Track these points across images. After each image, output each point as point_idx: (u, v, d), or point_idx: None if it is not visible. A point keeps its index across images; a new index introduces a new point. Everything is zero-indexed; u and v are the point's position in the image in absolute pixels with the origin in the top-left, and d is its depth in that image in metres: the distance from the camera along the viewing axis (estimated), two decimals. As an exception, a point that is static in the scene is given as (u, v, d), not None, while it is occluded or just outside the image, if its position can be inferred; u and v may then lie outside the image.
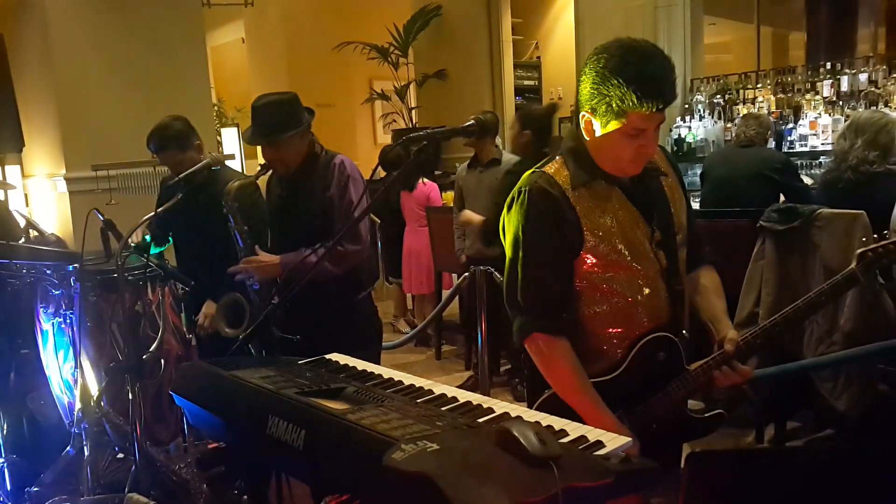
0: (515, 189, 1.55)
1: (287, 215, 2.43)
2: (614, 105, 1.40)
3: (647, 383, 1.53)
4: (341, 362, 1.52)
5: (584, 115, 1.49)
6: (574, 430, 1.10)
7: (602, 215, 1.51)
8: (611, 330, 1.54)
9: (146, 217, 2.22)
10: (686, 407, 1.56)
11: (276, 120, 2.28)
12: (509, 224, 1.56)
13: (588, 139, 1.51)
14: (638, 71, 1.37)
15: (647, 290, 1.53)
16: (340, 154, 2.40)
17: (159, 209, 2.20)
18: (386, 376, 1.41)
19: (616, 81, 1.38)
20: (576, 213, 1.50)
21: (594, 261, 1.51)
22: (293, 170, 2.37)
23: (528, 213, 1.51)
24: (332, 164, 2.32)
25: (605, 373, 1.53)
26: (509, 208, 1.56)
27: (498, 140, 4.16)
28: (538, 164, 1.60)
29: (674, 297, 1.56)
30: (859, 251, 1.46)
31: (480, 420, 1.14)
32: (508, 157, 4.03)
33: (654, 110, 1.39)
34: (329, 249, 1.80)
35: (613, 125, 1.43)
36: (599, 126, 1.46)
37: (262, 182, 2.57)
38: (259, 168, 2.39)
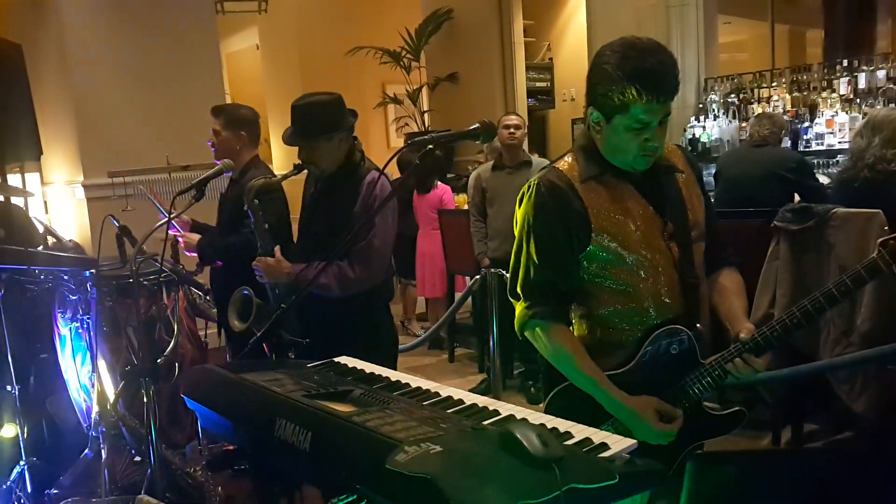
0: (528, 184, 1.60)
1: (313, 219, 2.42)
2: (616, 99, 1.45)
3: (662, 376, 1.53)
4: (349, 365, 1.53)
5: (591, 112, 1.53)
6: (579, 432, 1.09)
7: (612, 207, 1.54)
8: (624, 322, 1.55)
9: (160, 223, 2.25)
10: (703, 403, 1.55)
11: (309, 122, 2.26)
12: (519, 216, 1.60)
13: (596, 135, 1.54)
14: (636, 65, 1.42)
15: (660, 282, 1.54)
16: (376, 170, 2.33)
17: (172, 215, 2.22)
18: (393, 379, 1.42)
19: (617, 76, 1.44)
20: (583, 203, 1.53)
21: (605, 253, 1.53)
22: (329, 173, 2.34)
23: (535, 205, 1.55)
24: (364, 182, 2.27)
25: (620, 365, 1.53)
26: (520, 202, 1.60)
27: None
28: (552, 161, 1.65)
29: (687, 289, 1.57)
30: (881, 239, 1.43)
31: (485, 422, 1.14)
32: (539, 161, 4.04)
33: (653, 102, 1.43)
34: (325, 266, 1.80)
35: (618, 119, 1.47)
36: (605, 121, 1.50)
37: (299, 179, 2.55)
38: (293, 167, 2.38)
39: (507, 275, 3.16)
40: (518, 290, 1.59)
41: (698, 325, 1.57)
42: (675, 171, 1.61)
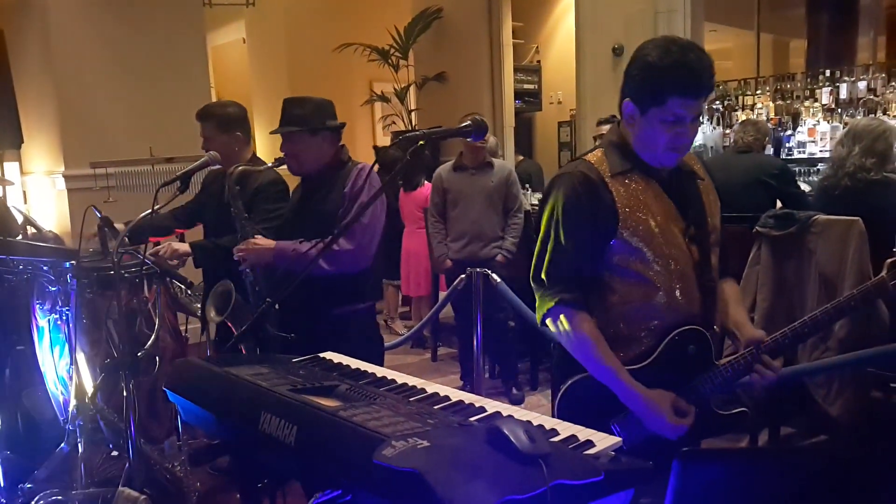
0: (556, 175, 1.63)
1: (303, 215, 2.42)
2: (655, 91, 1.49)
3: (676, 375, 1.55)
4: (335, 360, 1.53)
5: (626, 104, 1.56)
6: (565, 429, 1.10)
7: (638, 204, 1.56)
8: (642, 319, 1.57)
9: (143, 214, 2.22)
10: (711, 403, 1.58)
11: (296, 113, 2.29)
12: (546, 205, 1.62)
13: (629, 128, 1.58)
14: (678, 59, 1.47)
15: (679, 282, 1.56)
16: (364, 163, 2.40)
17: (156, 207, 2.20)
18: (379, 375, 1.42)
19: (658, 67, 1.48)
20: (612, 197, 1.55)
21: (628, 248, 1.55)
22: (311, 172, 2.35)
23: (565, 194, 1.57)
24: (354, 169, 2.34)
25: (635, 361, 1.55)
26: (548, 192, 1.62)
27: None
28: (579, 155, 1.69)
29: (705, 291, 1.60)
30: (890, 260, 1.50)
31: (472, 419, 1.14)
32: (501, 162, 4.04)
33: (690, 97, 1.48)
34: (326, 246, 1.78)
35: (653, 112, 1.51)
36: (640, 112, 1.53)
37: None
38: (274, 160, 2.38)
39: (493, 275, 3.20)
40: (543, 276, 1.60)
41: (715, 328, 1.62)
42: (696, 177, 1.66)
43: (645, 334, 1.57)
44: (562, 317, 1.56)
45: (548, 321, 1.59)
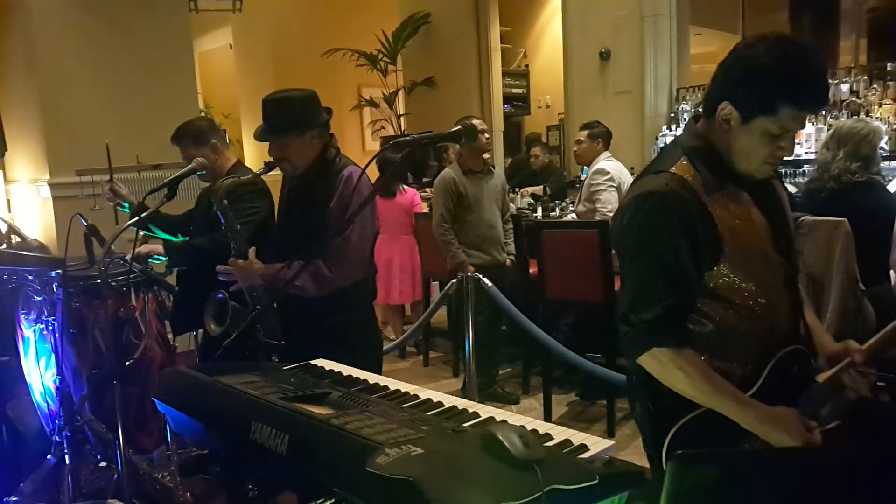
0: (641, 193, 1.41)
1: (289, 218, 2.38)
2: (766, 98, 1.31)
3: (781, 398, 1.41)
4: (326, 367, 1.52)
5: (723, 107, 1.37)
6: (558, 433, 1.10)
7: (738, 225, 1.39)
8: (738, 345, 1.42)
9: (129, 222, 2.20)
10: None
11: (282, 118, 2.21)
12: (630, 230, 1.42)
13: (722, 133, 1.39)
14: (800, 67, 1.29)
15: (775, 302, 1.43)
16: (352, 165, 2.28)
17: (143, 214, 2.17)
18: (371, 381, 1.41)
19: (773, 73, 1.30)
20: (713, 219, 1.37)
21: (728, 274, 1.39)
22: (301, 171, 2.29)
23: (659, 218, 1.37)
24: (340, 176, 2.22)
25: (741, 388, 1.41)
26: (633, 213, 1.41)
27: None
28: (658, 166, 1.45)
29: (794, 306, 1.48)
30: None
31: (466, 424, 1.14)
32: (497, 169, 4.04)
33: (808, 109, 1.33)
34: (303, 268, 1.76)
35: (759, 122, 1.33)
36: (740, 121, 1.35)
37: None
38: (264, 165, 2.32)
39: (483, 279, 3.20)
40: (636, 313, 1.39)
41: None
42: (772, 176, 1.50)
43: (743, 360, 1.42)
44: (666, 358, 1.37)
45: (644, 361, 1.41)
